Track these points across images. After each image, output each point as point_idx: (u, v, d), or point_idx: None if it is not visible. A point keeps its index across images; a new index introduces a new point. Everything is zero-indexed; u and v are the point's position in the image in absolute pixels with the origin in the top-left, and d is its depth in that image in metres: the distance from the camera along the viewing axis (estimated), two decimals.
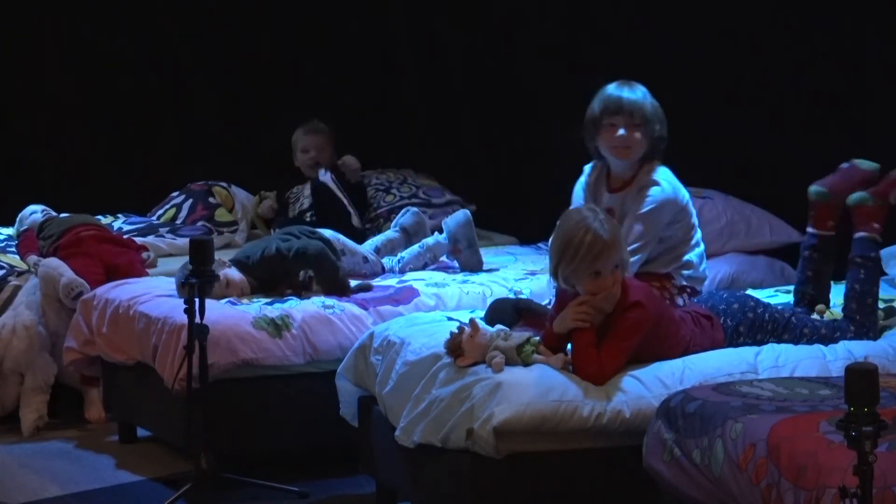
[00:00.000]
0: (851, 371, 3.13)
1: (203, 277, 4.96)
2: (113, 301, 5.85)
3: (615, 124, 4.98)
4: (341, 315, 5.54)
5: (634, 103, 4.98)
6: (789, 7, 6.40)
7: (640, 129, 4.98)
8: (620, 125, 4.98)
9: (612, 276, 4.44)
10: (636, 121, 4.97)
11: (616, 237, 4.45)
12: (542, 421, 4.27)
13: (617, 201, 5.05)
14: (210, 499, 5.09)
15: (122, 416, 6.04)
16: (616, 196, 5.05)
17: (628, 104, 4.98)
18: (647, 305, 4.49)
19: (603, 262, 4.41)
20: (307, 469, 5.46)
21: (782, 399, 3.91)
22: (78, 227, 6.64)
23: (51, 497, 5.32)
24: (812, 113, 6.37)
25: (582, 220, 4.43)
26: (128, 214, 7.42)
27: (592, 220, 4.42)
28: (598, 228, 4.40)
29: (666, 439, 3.98)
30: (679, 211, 5.03)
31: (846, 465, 3.16)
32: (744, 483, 3.62)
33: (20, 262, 6.54)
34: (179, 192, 7.60)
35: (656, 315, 4.53)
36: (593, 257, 4.39)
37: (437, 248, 6.36)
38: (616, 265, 4.44)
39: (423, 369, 4.59)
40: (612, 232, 4.43)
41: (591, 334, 4.46)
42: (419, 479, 4.67)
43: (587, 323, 4.44)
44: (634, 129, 4.98)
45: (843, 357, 4.59)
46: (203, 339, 4.98)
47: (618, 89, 5.03)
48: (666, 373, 4.45)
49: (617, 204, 5.04)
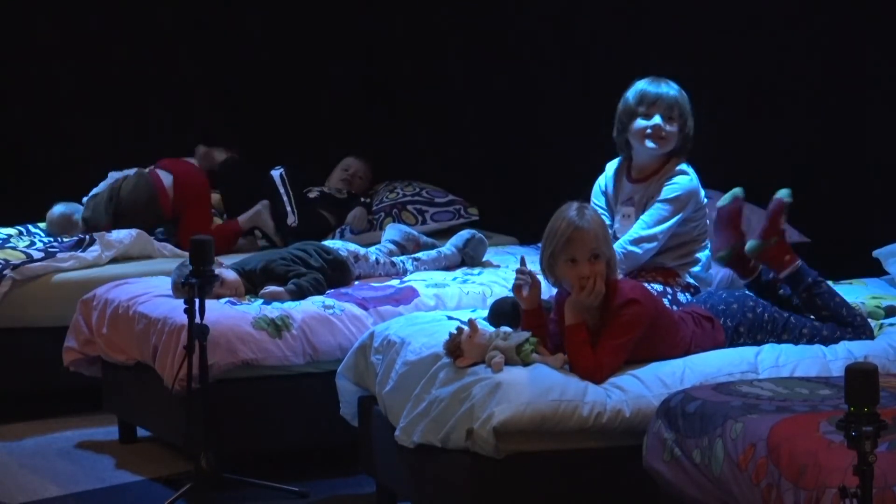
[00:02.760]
0: (851, 371, 3.13)
1: (203, 277, 4.96)
2: (113, 301, 5.84)
3: (650, 114, 5.06)
4: (341, 315, 5.54)
5: (672, 97, 5.08)
6: (789, 11, 6.40)
7: (675, 123, 5.07)
8: (656, 114, 5.05)
9: (591, 265, 4.45)
10: (673, 114, 5.07)
11: (595, 228, 4.48)
12: (542, 421, 4.26)
13: (640, 190, 5.12)
14: (210, 499, 5.09)
15: (122, 415, 6.03)
16: (639, 186, 5.13)
17: (667, 97, 5.08)
18: (642, 302, 4.49)
19: (577, 249, 4.45)
20: (307, 469, 5.46)
21: (782, 399, 3.91)
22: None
23: (51, 497, 5.31)
24: (810, 114, 6.36)
25: (563, 210, 4.53)
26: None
27: (571, 211, 4.50)
28: (573, 217, 4.47)
29: (666, 439, 3.97)
30: (699, 208, 5.10)
31: (846, 465, 3.15)
32: (744, 483, 3.62)
33: (14, 255, 6.48)
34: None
35: (653, 312, 4.52)
36: (566, 241, 4.45)
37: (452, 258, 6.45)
38: (596, 256, 4.45)
39: (423, 369, 4.59)
40: (591, 223, 4.47)
41: (582, 332, 4.47)
42: (419, 478, 4.66)
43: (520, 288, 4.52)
44: (670, 121, 5.07)
45: (843, 357, 4.58)
46: (203, 339, 4.98)
47: (654, 84, 5.12)
48: (666, 372, 4.44)
49: (639, 193, 5.09)
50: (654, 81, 5.13)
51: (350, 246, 6.20)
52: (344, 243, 6.26)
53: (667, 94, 5.08)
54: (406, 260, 6.30)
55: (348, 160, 7.82)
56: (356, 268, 6.05)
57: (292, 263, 5.85)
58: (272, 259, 5.88)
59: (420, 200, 7.45)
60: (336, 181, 7.68)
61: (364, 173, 7.80)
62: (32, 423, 6.28)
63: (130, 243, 6.73)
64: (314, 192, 7.48)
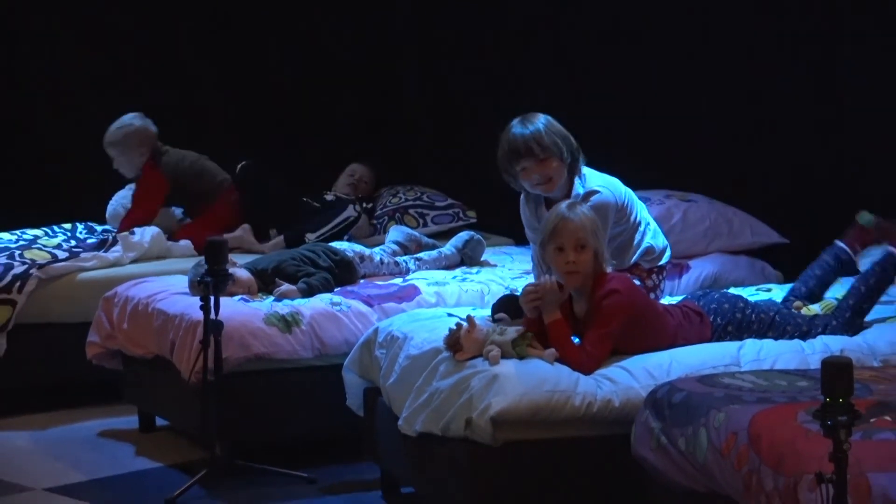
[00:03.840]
0: (828, 364, 3.13)
1: (217, 276, 4.98)
2: (132, 298, 5.85)
3: (526, 168, 4.94)
4: (348, 312, 5.54)
5: (533, 139, 4.91)
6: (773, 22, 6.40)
7: (550, 159, 4.93)
8: (531, 165, 4.92)
9: (576, 253, 4.50)
10: (543, 155, 4.92)
11: (582, 220, 4.54)
12: (536, 410, 4.28)
13: None
14: (224, 484, 5.10)
15: (141, 406, 6.04)
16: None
17: (528, 144, 4.91)
18: (622, 291, 4.52)
19: (564, 238, 4.52)
20: (315, 456, 5.45)
21: (763, 390, 3.91)
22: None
23: (74, 482, 5.32)
24: (791, 122, 6.37)
25: (557, 205, 4.64)
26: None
27: (563, 205, 4.60)
28: (563, 209, 4.56)
29: (653, 428, 3.98)
30: (619, 209, 5.04)
31: (823, 452, 3.16)
32: (726, 469, 3.62)
33: (41, 255, 6.49)
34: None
35: (634, 302, 4.55)
36: (552, 230, 4.55)
37: (452, 258, 6.44)
38: (582, 245, 4.50)
39: (425, 362, 4.60)
40: (579, 216, 4.55)
41: (560, 328, 4.50)
42: (421, 465, 4.67)
43: (544, 311, 4.51)
44: (545, 162, 4.93)
45: (821, 351, 4.59)
46: (218, 334, 5.00)
47: (516, 129, 4.95)
48: (653, 364, 4.45)
49: None
50: (517, 126, 4.95)
51: (356, 247, 6.22)
52: (350, 245, 6.27)
53: (527, 138, 4.90)
54: (408, 260, 6.31)
55: (353, 166, 7.80)
56: (362, 267, 6.06)
57: (302, 264, 5.86)
58: (283, 259, 5.90)
59: (421, 204, 7.45)
60: (342, 186, 7.68)
61: (369, 178, 7.79)
62: (57, 413, 6.28)
63: (150, 245, 6.74)
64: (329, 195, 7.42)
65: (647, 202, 6.19)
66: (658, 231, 5.14)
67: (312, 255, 5.92)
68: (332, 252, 6.01)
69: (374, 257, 6.15)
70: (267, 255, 6.27)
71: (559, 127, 4.99)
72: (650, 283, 5.02)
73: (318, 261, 5.90)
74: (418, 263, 6.29)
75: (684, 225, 6.18)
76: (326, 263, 5.90)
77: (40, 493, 5.20)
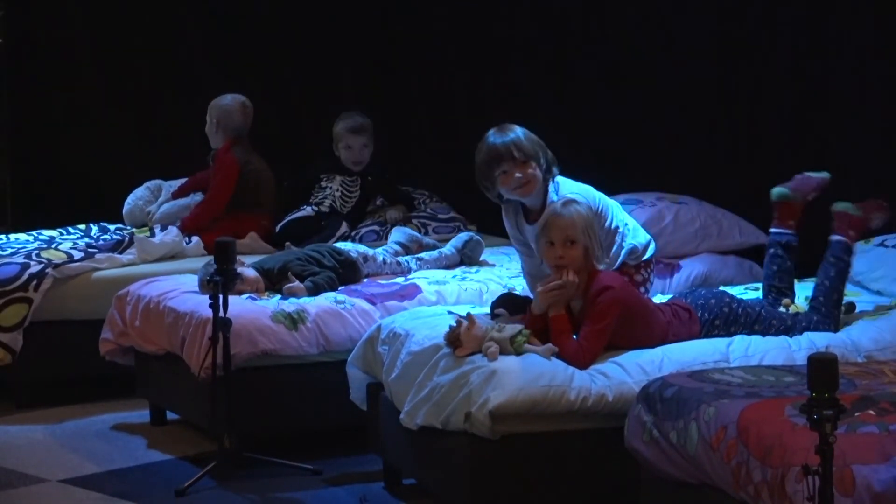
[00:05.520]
0: (814, 360, 3.13)
1: (226, 275, 4.97)
2: (144, 297, 5.84)
3: (506, 171, 4.88)
4: (352, 310, 5.53)
5: (513, 144, 4.86)
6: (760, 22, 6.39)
7: (530, 162, 4.87)
8: (511, 168, 4.86)
9: (565, 248, 4.50)
10: (522, 158, 4.86)
11: (574, 217, 4.54)
12: (533, 404, 4.27)
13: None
14: (232, 475, 5.09)
15: (153, 400, 6.03)
16: (537, 225, 4.89)
17: (508, 148, 4.86)
18: (616, 288, 4.53)
19: (554, 233, 4.53)
20: (321, 448, 5.44)
21: (751, 385, 3.91)
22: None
23: (88, 474, 5.30)
24: (778, 126, 6.36)
25: (552, 203, 4.68)
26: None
27: (558, 202, 4.65)
28: (556, 207, 4.61)
29: (645, 421, 3.97)
30: (596, 216, 4.92)
31: (809, 445, 3.15)
32: (716, 461, 3.62)
33: (57, 255, 6.46)
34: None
35: (627, 298, 4.55)
36: (544, 224, 4.58)
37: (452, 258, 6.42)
38: (572, 241, 4.50)
39: (426, 358, 4.59)
40: (572, 213, 4.56)
41: (563, 322, 4.49)
42: (422, 457, 4.66)
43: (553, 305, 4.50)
44: (525, 164, 4.87)
45: (807, 347, 4.59)
46: (226, 331, 4.98)
47: (494, 138, 4.90)
48: (646, 360, 4.44)
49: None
50: (494, 136, 4.90)
51: (359, 248, 6.20)
52: (354, 245, 6.26)
53: (507, 144, 4.85)
54: (410, 260, 6.30)
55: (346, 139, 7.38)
56: (365, 267, 6.05)
57: (307, 264, 5.85)
58: (289, 259, 5.88)
59: (424, 216, 7.37)
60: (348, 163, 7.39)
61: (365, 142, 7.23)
62: (72, 407, 6.27)
63: (166, 250, 6.68)
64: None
65: (639, 204, 6.19)
66: (637, 228, 5.10)
67: (317, 256, 5.91)
68: (336, 252, 6.00)
69: (377, 257, 6.14)
70: (273, 255, 6.25)
71: (535, 136, 4.95)
72: (639, 279, 4.99)
73: (322, 261, 5.89)
74: (419, 263, 6.28)
75: (675, 226, 6.17)
76: (331, 263, 5.89)
77: (55, 484, 5.19)
